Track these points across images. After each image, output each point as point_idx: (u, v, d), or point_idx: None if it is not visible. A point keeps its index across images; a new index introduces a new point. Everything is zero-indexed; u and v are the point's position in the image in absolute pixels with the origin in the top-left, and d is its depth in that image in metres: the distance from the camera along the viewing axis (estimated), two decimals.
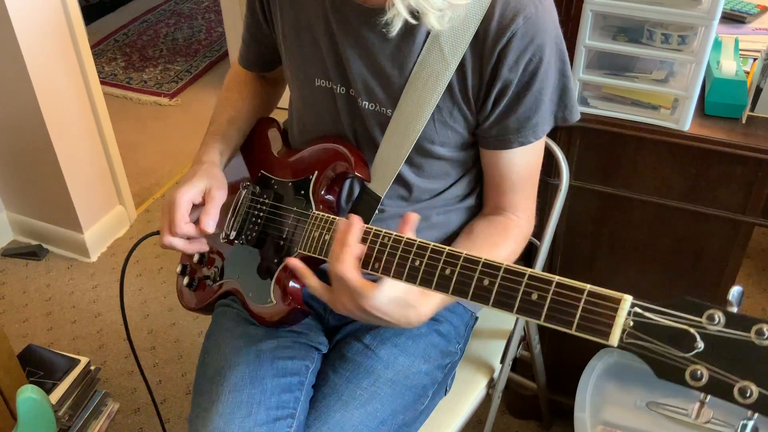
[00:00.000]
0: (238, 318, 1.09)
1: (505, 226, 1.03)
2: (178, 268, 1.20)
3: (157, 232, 1.21)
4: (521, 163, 0.99)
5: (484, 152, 1.01)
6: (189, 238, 1.02)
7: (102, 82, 2.23)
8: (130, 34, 3.66)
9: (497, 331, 1.32)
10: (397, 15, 0.85)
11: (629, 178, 1.28)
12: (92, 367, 1.73)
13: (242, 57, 1.20)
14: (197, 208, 1.03)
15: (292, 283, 1.02)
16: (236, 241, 1.09)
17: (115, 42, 3.59)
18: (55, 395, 1.61)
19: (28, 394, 1.33)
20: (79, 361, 1.69)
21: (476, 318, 1.21)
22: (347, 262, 0.83)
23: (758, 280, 2.09)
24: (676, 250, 1.33)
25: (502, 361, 1.28)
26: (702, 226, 1.28)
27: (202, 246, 1.03)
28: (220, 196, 1.03)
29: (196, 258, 1.16)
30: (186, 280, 1.17)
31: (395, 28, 0.88)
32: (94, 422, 1.72)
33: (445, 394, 1.15)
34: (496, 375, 1.28)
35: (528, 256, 1.29)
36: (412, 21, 0.87)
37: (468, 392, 1.23)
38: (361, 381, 1.02)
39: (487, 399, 1.29)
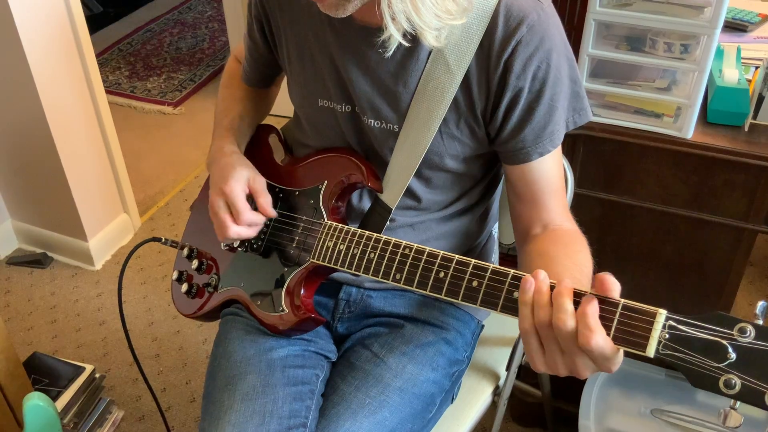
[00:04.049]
0: (248, 327, 1.09)
1: (567, 232, 0.96)
2: (174, 275, 1.20)
3: (155, 239, 1.22)
4: (547, 173, 0.96)
5: (508, 169, 0.98)
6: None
7: (106, 91, 2.24)
8: (134, 44, 3.67)
9: (502, 339, 1.33)
10: (392, 37, 0.84)
11: (632, 185, 1.29)
12: (97, 375, 1.73)
13: (247, 77, 1.20)
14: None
15: (303, 292, 1.02)
16: (239, 249, 1.10)
17: (120, 51, 3.60)
18: (60, 403, 1.62)
19: (34, 401, 1.34)
20: (83, 368, 1.69)
21: (482, 326, 1.21)
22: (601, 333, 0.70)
23: (761, 287, 2.09)
24: (679, 257, 1.34)
25: (508, 368, 1.28)
26: (705, 233, 1.29)
27: (257, 231, 1.05)
28: (262, 184, 1.06)
29: (194, 265, 1.17)
30: (184, 287, 1.17)
31: (390, 50, 0.87)
32: (98, 430, 1.73)
33: (452, 402, 1.15)
34: (501, 382, 1.28)
35: None
36: (406, 44, 0.86)
37: (474, 400, 1.23)
38: (370, 389, 1.01)
39: (493, 406, 1.29)
